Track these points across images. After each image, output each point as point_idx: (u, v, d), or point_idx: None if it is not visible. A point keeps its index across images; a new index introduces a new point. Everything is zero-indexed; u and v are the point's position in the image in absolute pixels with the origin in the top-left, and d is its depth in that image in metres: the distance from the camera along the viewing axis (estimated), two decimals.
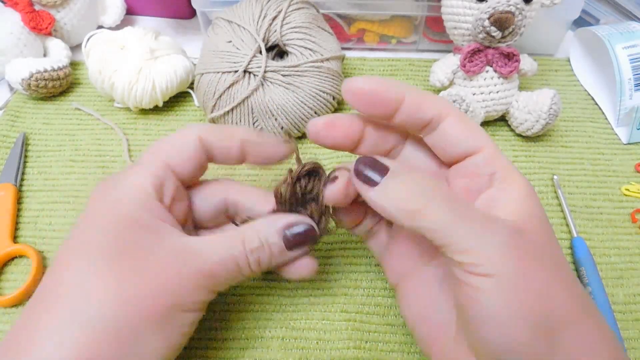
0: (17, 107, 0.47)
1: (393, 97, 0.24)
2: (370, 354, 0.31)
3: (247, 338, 0.32)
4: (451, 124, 0.24)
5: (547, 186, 0.41)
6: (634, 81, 0.45)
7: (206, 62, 0.42)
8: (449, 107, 0.24)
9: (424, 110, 0.24)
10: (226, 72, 0.40)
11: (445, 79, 0.43)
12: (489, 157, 0.24)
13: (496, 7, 0.38)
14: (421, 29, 0.51)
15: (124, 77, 0.43)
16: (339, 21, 0.51)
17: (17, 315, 0.33)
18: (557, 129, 0.45)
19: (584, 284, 0.34)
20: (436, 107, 0.24)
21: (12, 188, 0.39)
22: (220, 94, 0.40)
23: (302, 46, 0.42)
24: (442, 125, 0.24)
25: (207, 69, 0.41)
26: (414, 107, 0.24)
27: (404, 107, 0.24)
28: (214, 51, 0.42)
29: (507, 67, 0.41)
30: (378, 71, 0.50)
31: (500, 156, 0.24)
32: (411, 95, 0.24)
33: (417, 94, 0.24)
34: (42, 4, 0.47)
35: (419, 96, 0.24)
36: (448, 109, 0.24)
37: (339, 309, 0.33)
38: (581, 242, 0.36)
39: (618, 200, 0.40)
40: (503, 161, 0.24)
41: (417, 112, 0.24)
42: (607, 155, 0.43)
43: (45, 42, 0.48)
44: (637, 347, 0.32)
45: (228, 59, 0.41)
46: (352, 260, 0.36)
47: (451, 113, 0.24)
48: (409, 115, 0.24)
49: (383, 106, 0.24)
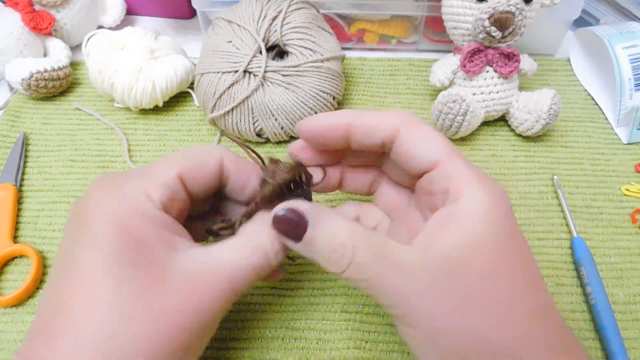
0: (17, 107, 0.47)
1: (339, 129, 0.25)
2: (370, 354, 0.31)
3: (247, 338, 0.32)
4: (404, 139, 0.24)
5: (547, 186, 0.41)
6: (634, 81, 0.45)
7: (206, 62, 0.42)
8: (400, 124, 0.24)
9: (373, 133, 0.24)
10: (226, 72, 0.40)
11: (445, 79, 0.43)
12: (443, 172, 0.23)
13: (496, 7, 0.38)
14: (421, 29, 0.51)
15: (124, 77, 0.43)
16: (339, 21, 0.51)
17: (17, 315, 0.33)
18: (557, 129, 0.45)
19: (584, 284, 0.34)
20: (386, 128, 0.24)
21: (12, 188, 0.39)
22: (221, 94, 0.40)
23: (302, 46, 0.42)
24: (396, 144, 0.24)
25: (207, 69, 0.41)
26: (363, 132, 0.24)
27: (354, 134, 0.25)
28: (214, 51, 0.42)
29: (507, 67, 0.41)
30: (378, 71, 0.50)
31: (455, 169, 0.22)
32: (360, 120, 0.24)
33: (366, 118, 0.25)
34: (42, 4, 0.47)
35: (367, 120, 0.24)
36: (398, 127, 0.24)
37: (339, 309, 0.33)
38: (581, 242, 0.36)
39: (618, 200, 0.40)
40: (458, 175, 0.22)
41: (367, 136, 0.24)
42: (607, 155, 0.43)
43: (45, 42, 0.48)
44: (637, 347, 0.32)
45: (228, 59, 0.41)
46: None
47: (401, 131, 0.24)
48: (361, 141, 0.25)
49: (334, 138, 0.25)
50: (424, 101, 0.48)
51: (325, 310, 0.33)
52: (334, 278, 0.35)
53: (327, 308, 0.33)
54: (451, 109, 0.40)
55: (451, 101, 0.40)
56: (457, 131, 0.41)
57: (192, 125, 0.45)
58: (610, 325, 0.32)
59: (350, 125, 0.25)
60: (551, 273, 0.35)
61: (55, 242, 0.37)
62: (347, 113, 0.25)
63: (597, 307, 0.32)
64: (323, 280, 0.35)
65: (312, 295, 0.34)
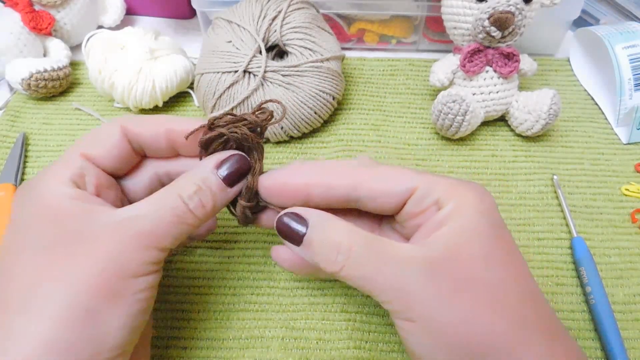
0: (17, 107, 0.47)
1: (298, 191, 0.25)
2: (370, 354, 0.31)
3: (247, 338, 0.32)
4: (368, 190, 0.24)
5: (547, 186, 0.41)
6: (633, 81, 0.45)
7: (206, 62, 0.42)
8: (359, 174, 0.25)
9: (334, 188, 0.25)
10: (226, 72, 0.40)
11: (445, 79, 0.43)
12: (426, 188, 0.24)
13: (496, 7, 0.38)
14: (421, 29, 0.51)
15: (124, 77, 0.43)
16: (339, 21, 0.51)
17: None
18: (557, 129, 0.45)
19: (584, 284, 0.34)
20: (346, 181, 0.25)
21: (12, 188, 0.39)
22: (220, 94, 0.40)
23: (302, 46, 0.42)
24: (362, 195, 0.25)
25: (207, 69, 0.41)
26: (322, 188, 0.25)
27: (315, 190, 0.25)
28: (214, 51, 0.42)
29: (507, 67, 0.41)
30: (378, 71, 0.50)
31: (436, 181, 0.24)
32: (318, 177, 0.25)
33: (323, 174, 0.25)
34: (42, 4, 0.47)
35: (325, 176, 0.25)
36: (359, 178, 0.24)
37: (339, 309, 0.33)
38: (581, 242, 0.36)
39: (618, 200, 0.40)
40: (441, 183, 0.24)
41: (328, 192, 0.25)
42: (607, 155, 0.43)
43: (45, 42, 0.48)
44: (637, 347, 0.32)
45: (228, 59, 0.41)
46: None
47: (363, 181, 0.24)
48: (323, 197, 0.25)
49: (293, 196, 0.25)
50: (423, 101, 0.48)
51: (325, 310, 0.33)
52: (334, 278, 0.35)
53: (327, 308, 0.33)
54: (451, 109, 0.40)
55: (451, 101, 0.40)
56: (457, 131, 0.41)
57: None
58: (610, 325, 0.32)
59: (308, 185, 0.25)
60: (551, 273, 0.35)
61: None
62: (305, 171, 0.25)
63: (597, 307, 0.32)
64: (323, 280, 0.35)
65: (312, 295, 0.34)
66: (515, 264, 0.23)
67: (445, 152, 0.43)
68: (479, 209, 0.23)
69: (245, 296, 0.34)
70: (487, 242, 0.22)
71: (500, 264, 0.22)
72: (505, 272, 0.22)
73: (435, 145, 0.44)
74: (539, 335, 0.21)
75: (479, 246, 0.22)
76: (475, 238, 0.22)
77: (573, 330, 0.33)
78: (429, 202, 0.24)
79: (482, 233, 0.22)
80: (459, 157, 0.43)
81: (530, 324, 0.21)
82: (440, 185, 0.24)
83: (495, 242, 0.22)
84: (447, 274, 0.21)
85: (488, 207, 0.23)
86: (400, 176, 0.25)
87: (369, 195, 0.25)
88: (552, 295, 0.34)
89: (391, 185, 0.24)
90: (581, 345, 0.32)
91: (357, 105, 0.47)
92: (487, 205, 0.23)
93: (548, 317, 0.22)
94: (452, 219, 0.23)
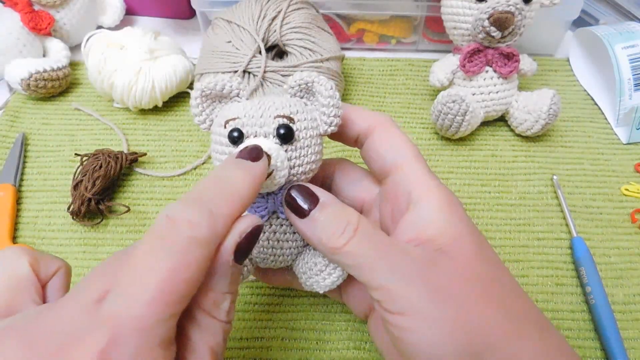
0: (16, 107, 0.47)
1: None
2: (370, 354, 0.31)
3: (247, 338, 0.32)
4: (375, 138, 0.25)
5: (547, 186, 0.41)
6: (633, 81, 0.45)
7: (206, 62, 0.42)
8: (378, 121, 0.25)
9: (351, 125, 0.26)
10: (226, 72, 0.40)
11: (445, 79, 0.43)
12: (406, 174, 0.24)
13: (496, 7, 0.38)
14: (421, 29, 0.51)
15: (124, 77, 0.43)
16: (339, 21, 0.51)
17: None
18: (557, 129, 0.45)
19: (584, 284, 0.34)
20: (365, 122, 0.25)
21: (12, 188, 0.39)
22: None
23: (302, 46, 0.42)
24: (368, 140, 0.25)
25: (206, 69, 0.41)
26: (343, 123, 0.25)
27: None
28: (214, 51, 0.42)
29: (507, 67, 0.41)
30: (377, 71, 0.50)
31: (416, 171, 0.24)
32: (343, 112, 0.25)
33: (348, 112, 0.26)
34: (42, 4, 0.47)
35: (349, 114, 0.26)
36: (376, 124, 0.25)
37: (339, 309, 0.33)
38: (581, 242, 0.36)
39: (618, 200, 0.40)
40: (419, 176, 0.24)
41: (345, 127, 0.26)
42: (607, 155, 0.43)
43: (44, 42, 0.48)
44: (637, 347, 0.32)
45: (227, 59, 0.41)
46: None
47: (377, 128, 0.25)
48: (339, 130, 0.25)
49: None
50: (423, 101, 0.48)
51: (325, 311, 0.33)
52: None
53: (327, 308, 0.33)
54: (451, 109, 0.40)
55: (451, 101, 0.40)
56: (457, 131, 0.41)
57: (191, 125, 0.45)
58: (610, 325, 0.32)
59: None
60: (551, 273, 0.35)
61: (54, 242, 0.37)
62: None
63: (597, 307, 0.32)
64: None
65: (312, 295, 0.34)
66: (495, 260, 0.23)
67: (445, 152, 0.43)
68: (455, 212, 0.23)
69: (245, 296, 0.34)
70: (473, 242, 0.23)
71: (485, 261, 0.23)
72: (490, 268, 0.22)
73: (435, 145, 0.44)
74: (532, 327, 0.21)
75: (468, 245, 0.22)
76: (464, 238, 0.23)
77: (573, 330, 0.33)
78: (402, 191, 0.24)
79: (470, 233, 0.23)
80: (458, 157, 0.43)
81: (522, 317, 0.22)
82: (416, 179, 0.24)
83: (480, 242, 0.23)
84: (442, 269, 0.21)
85: (461, 211, 0.24)
86: (398, 146, 0.25)
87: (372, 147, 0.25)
88: (552, 295, 0.34)
89: (387, 149, 0.25)
90: (581, 345, 0.32)
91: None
92: (460, 209, 0.24)
93: (536, 311, 0.23)
94: (427, 221, 0.23)
